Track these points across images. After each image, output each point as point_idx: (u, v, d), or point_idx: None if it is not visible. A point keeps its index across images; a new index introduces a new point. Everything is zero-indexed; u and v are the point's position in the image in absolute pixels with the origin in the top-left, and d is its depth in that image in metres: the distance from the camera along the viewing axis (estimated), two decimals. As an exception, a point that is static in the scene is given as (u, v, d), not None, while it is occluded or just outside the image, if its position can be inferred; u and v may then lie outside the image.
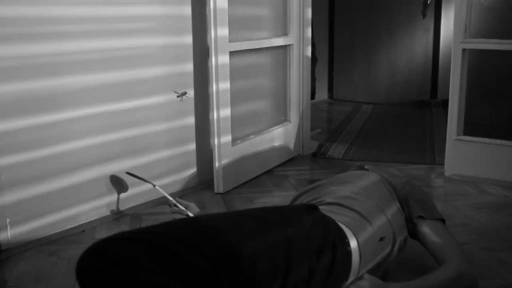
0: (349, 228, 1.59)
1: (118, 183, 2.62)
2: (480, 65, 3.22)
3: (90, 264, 1.20)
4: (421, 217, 1.86)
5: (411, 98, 6.12)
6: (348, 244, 1.55)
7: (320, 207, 1.70)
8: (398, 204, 1.87)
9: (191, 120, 3.00)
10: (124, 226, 2.52)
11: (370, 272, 1.63)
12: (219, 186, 2.96)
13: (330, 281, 1.48)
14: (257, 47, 3.23)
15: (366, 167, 2.19)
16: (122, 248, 1.20)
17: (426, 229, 1.84)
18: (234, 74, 2.98)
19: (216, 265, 1.25)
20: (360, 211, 1.70)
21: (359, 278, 1.59)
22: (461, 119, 3.20)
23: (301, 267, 1.39)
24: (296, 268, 1.37)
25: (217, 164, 2.93)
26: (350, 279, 1.56)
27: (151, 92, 2.75)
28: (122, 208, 2.67)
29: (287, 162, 3.57)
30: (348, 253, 1.54)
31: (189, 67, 2.94)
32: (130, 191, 2.70)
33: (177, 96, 2.42)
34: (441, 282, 1.68)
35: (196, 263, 1.22)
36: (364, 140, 4.36)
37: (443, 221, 1.91)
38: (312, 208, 1.59)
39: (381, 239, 1.68)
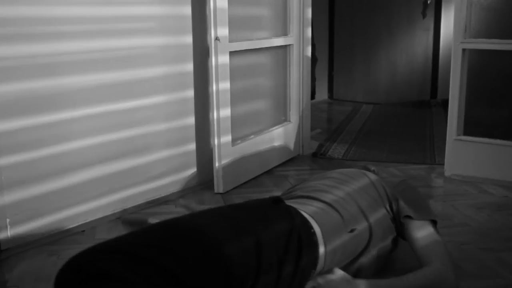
0: (313, 218, 1.60)
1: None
2: (480, 65, 3.22)
3: (68, 279, 1.22)
4: (410, 217, 1.84)
5: (411, 98, 6.12)
6: (313, 234, 1.56)
7: (290, 200, 1.74)
8: (387, 205, 1.86)
9: (191, 120, 3.00)
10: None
11: (342, 268, 1.63)
12: (219, 186, 2.95)
13: (298, 272, 1.49)
14: (257, 47, 3.23)
15: (372, 168, 2.18)
16: (99, 262, 1.22)
17: (412, 229, 1.82)
18: (234, 74, 2.98)
19: (193, 269, 1.26)
20: (329, 202, 1.72)
21: (329, 271, 1.58)
22: (461, 119, 3.20)
23: (271, 264, 1.41)
24: (266, 265, 1.39)
25: (217, 164, 2.93)
26: (318, 268, 1.57)
27: (151, 92, 2.75)
28: (122, 208, 2.67)
29: (287, 162, 3.57)
30: (314, 242, 1.55)
31: (189, 67, 2.94)
32: (130, 191, 2.70)
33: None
34: (415, 284, 1.65)
35: (172, 268, 1.24)
36: (364, 140, 4.36)
37: (435, 222, 1.87)
38: (277, 201, 1.62)
39: (352, 230, 1.68)
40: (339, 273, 1.57)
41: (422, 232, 1.80)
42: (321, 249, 1.57)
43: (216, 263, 1.31)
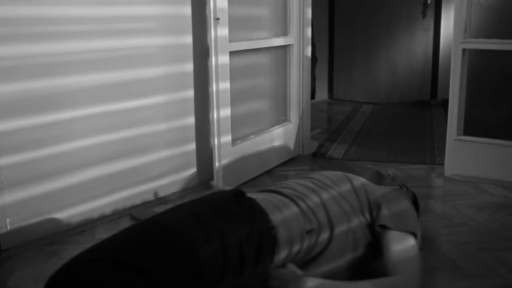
0: (274, 214, 1.63)
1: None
2: (480, 65, 3.21)
3: None
4: (388, 227, 1.78)
5: (411, 98, 6.12)
6: (272, 228, 1.60)
7: (255, 193, 1.78)
8: (366, 213, 1.82)
9: (191, 120, 3.00)
10: (124, 226, 2.51)
11: (299, 266, 1.67)
12: (219, 186, 2.95)
13: (257, 270, 1.55)
14: (257, 47, 3.23)
15: (388, 172, 2.14)
16: (88, 271, 1.29)
17: (389, 239, 1.75)
18: (234, 74, 2.98)
19: (171, 271, 1.34)
20: (292, 197, 1.73)
21: (283, 265, 1.63)
22: (461, 119, 3.20)
23: (234, 264, 1.47)
24: (230, 266, 1.45)
25: (217, 164, 2.93)
26: (275, 263, 1.60)
27: (151, 92, 2.75)
28: (121, 207, 2.67)
29: (287, 162, 3.57)
30: (274, 240, 1.59)
31: (189, 67, 2.94)
32: (129, 191, 2.71)
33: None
34: None
35: (153, 271, 1.31)
36: (364, 140, 4.36)
37: (415, 236, 1.78)
38: (239, 195, 1.66)
39: (309, 231, 1.68)
40: (290, 268, 1.62)
41: (397, 243, 1.73)
42: (279, 247, 1.60)
43: (189, 265, 1.37)
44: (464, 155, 3.18)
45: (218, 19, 2.66)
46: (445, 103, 3.88)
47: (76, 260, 1.35)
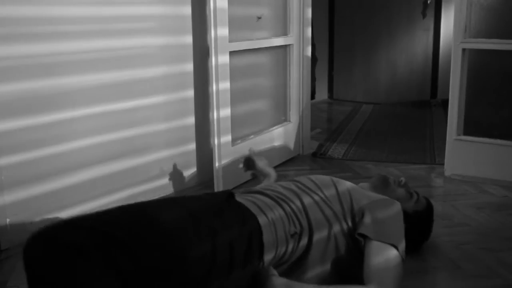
0: (255, 211, 1.66)
1: None
2: (480, 65, 3.21)
3: (38, 247, 1.31)
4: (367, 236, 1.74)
5: (411, 98, 6.12)
6: (260, 230, 1.61)
7: (241, 194, 1.81)
8: (349, 219, 1.79)
9: (191, 120, 3.00)
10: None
11: (287, 268, 1.69)
12: (219, 186, 2.95)
13: (245, 273, 1.57)
14: (257, 47, 3.22)
15: (401, 178, 2.09)
16: (72, 236, 1.30)
17: (367, 249, 1.71)
18: (234, 74, 2.98)
19: (159, 266, 1.34)
20: (276, 199, 1.75)
21: (265, 267, 1.64)
22: (461, 119, 3.20)
23: (223, 266, 1.48)
24: (218, 268, 1.47)
25: (217, 164, 2.93)
26: (261, 265, 1.62)
27: (151, 92, 2.75)
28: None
29: (287, 162, 3.57)
30: (261, 237, 1.61)
31: (189, 67, 2.94)
32: (129, 191, 2.70)
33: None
34: None
35: (139, 253, 1.32)
36: (364, 140, 4.35)
37: (396, 247, 1.71)
38: (230, 196, 1.70)
39: (293, 234, 1.68)
40: (269, 269, 1.64)
41: (376, 254, 1.69)
42: (266, 248, 1.61)
43: (178, 264, 1.38)
44: (464, 155, 3.18)
45: (260, 17, 2.63)
46: (445, 103, 3.87)
47: (65, 222, 1.37)
